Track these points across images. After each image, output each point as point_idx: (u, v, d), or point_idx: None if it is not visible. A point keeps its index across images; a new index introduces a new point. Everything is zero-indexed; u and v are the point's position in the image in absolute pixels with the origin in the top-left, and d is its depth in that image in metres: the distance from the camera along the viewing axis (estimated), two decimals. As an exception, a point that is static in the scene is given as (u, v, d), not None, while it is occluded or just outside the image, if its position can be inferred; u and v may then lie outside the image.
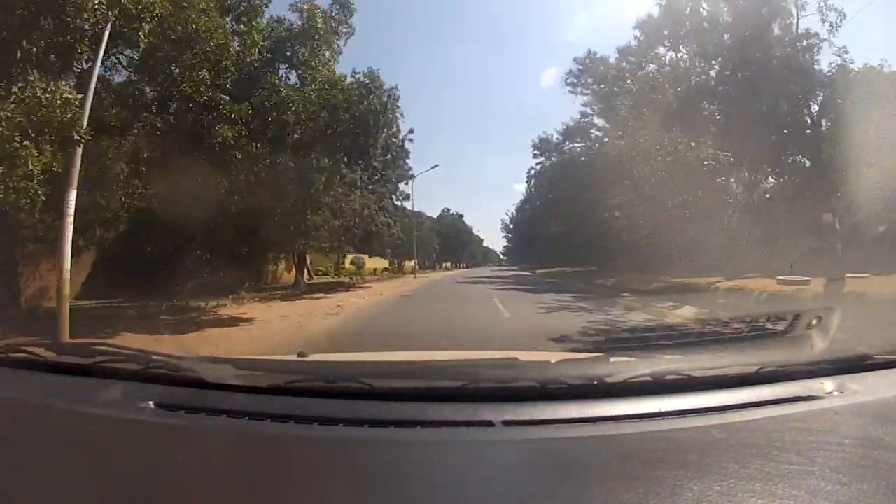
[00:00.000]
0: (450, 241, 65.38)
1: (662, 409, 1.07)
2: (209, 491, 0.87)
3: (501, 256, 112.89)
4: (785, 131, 18.31)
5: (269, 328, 8.73)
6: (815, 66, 18.49)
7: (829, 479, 0.80)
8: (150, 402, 1.17)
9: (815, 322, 2.09)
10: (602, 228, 24.38)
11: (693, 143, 15.80)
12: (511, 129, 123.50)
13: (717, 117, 20.59)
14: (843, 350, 1.40)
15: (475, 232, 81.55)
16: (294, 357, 1.87)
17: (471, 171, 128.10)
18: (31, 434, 1.12)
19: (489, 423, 1.04)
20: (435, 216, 66.51)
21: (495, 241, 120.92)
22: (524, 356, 1.54)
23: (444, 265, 74.86)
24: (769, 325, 3.25)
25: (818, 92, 18.08)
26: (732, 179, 19.25)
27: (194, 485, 0.88)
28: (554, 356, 1.42)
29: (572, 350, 5.07)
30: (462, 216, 75.98)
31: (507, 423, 1.04)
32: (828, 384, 1.19)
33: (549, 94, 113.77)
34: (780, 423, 1.01)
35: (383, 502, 0.83)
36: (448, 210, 72.56)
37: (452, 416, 1.07)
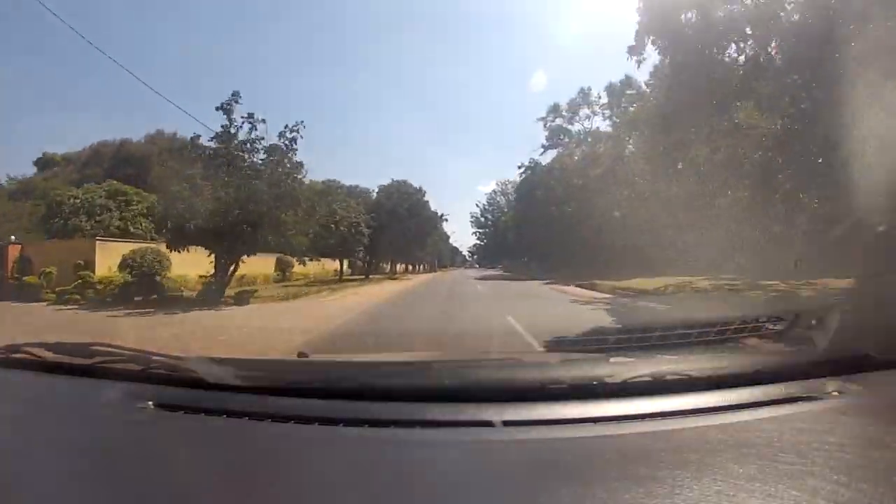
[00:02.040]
0: (399, 226, 36.02)
1: (662, 409, 1.07)
2: (209, 491, 0.87)
3: (468, 256, 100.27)
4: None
5: None
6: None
7: (829, 479, 0.80)
8: (150, 403, 1.17)
9: (815, 322, 2.09)
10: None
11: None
12: (476, 130, 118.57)
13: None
14: (843, 350, 1.40)
15: (443, 218, 45.25)
16: (294, 357, 1.87)
17: (432, 171, 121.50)
18: (32, 434, 1.12)
19: (489, 423, 1.04)
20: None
21: (458, 240, 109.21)
22: (524, 356, 1.54)
23: (397, 268, 47.53)
24: (769, 325, 3.26)
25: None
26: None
27: (194, 485, 0.88)
28: (554, 356, 1.42)
29: (572, 350, 5.07)
30: (422, 190, 40.68)
31: (507, 423, 1.04)
32: (828, 384, 1.19)
33: (514, 95, 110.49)
34: (780, 423, 1.01)
35: (383, 502, 0.83)
36: (401, 181, 40.41)
37: (452, 416, 1.07)
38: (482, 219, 75.15)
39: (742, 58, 16.20)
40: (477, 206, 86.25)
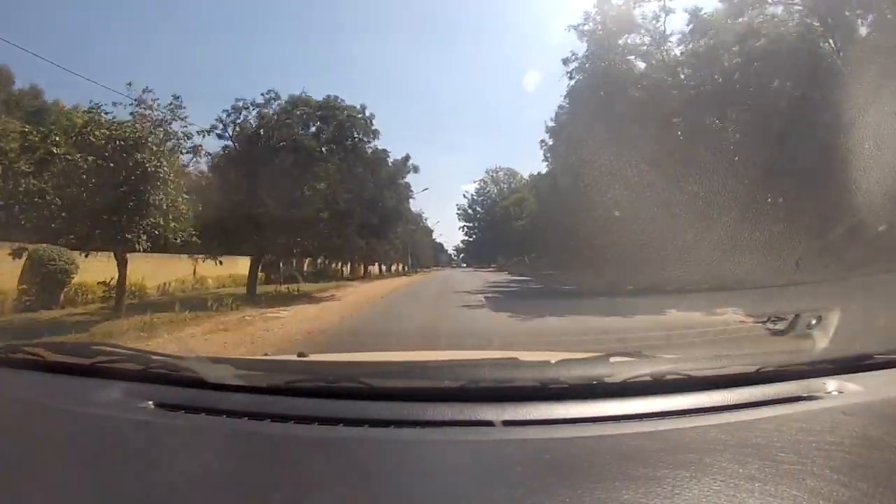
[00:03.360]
0: (311, 174, 14.90)
1: (662, 409, 1.08)
2: (209, 491, 0.87)
3: (454, 255, 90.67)
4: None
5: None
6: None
7: (829, 479, 0.80)
8: (150, 402, 1.17)
9: (815, 322, 2.10)
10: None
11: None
12: (461, 128, 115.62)
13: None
14: (843, 350, 1.40)
15: (408, 167, 21.91)
16: (294, 357, 1.87)
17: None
18: (31, 434, 1.12)
19: (489, 423, 1.04)
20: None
21: (440, 235, 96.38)
22: (524, 356, 1.54)
23: (367, 270, 35.77)
24: (770, 325, 3.27)
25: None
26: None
27: (194, 485, 0.88)
28: (554, 356, 1.42)
29: (572, 350, 5.06)
30: (365, 113, 17.11)
31: (507, 423, 1.04)
32: (828, 384, 1.20)
33: (503, 94, 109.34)
34: (780, 423, 1.01)
35: (383, 502, 0.83)
36: (334, 97, 16.89)
37: (452, 416, 1.07)
38: (471, 211, 64.38)
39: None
40: (465, 196, 72.88)
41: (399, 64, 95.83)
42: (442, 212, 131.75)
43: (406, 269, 50.41)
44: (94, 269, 12.15)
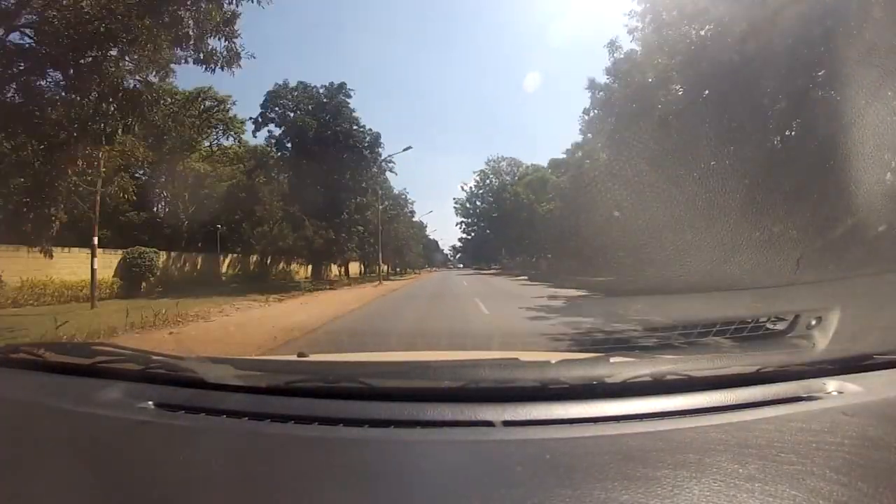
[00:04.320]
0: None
1: (662, 409, 1.08)
2: (209, 491, 0.87)
3: (450, 255, 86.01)
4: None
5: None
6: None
7: (829, 479, 0.80)
8: (150, 403, 1.17)
9: (815, 322, 2.10)
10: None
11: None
12: (454, 129, 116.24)
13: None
14: (843, 350, 1.40)
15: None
16: (294, 357, 1.87)
17: (407, 171, 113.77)
18: (32, 434, 1.12)
19: (489, 423, 1.04)
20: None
21: (433, 233, 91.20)
22: (524, 356, 1.55)
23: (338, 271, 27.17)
24: (770, 325, 3.27)
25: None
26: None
27: (194, 485, 0.88)
28: (554, 356, 1.43)
29: (572, 350, 5.07)
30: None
31: (507, 423, 1.04)
32: (828, 384, 1.20)
33: (500, 93, 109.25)
34: (780, 423, 1.02)
35: (383, 502, 0.83)
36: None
37: (452, 416, 1.07)
38: (469, 205, 59.32)
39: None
40: (463, 189, 65.81)
41: (397, 62, 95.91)
42: (440, 213, 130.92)
43: (388, 270, 34.55)
44: None
